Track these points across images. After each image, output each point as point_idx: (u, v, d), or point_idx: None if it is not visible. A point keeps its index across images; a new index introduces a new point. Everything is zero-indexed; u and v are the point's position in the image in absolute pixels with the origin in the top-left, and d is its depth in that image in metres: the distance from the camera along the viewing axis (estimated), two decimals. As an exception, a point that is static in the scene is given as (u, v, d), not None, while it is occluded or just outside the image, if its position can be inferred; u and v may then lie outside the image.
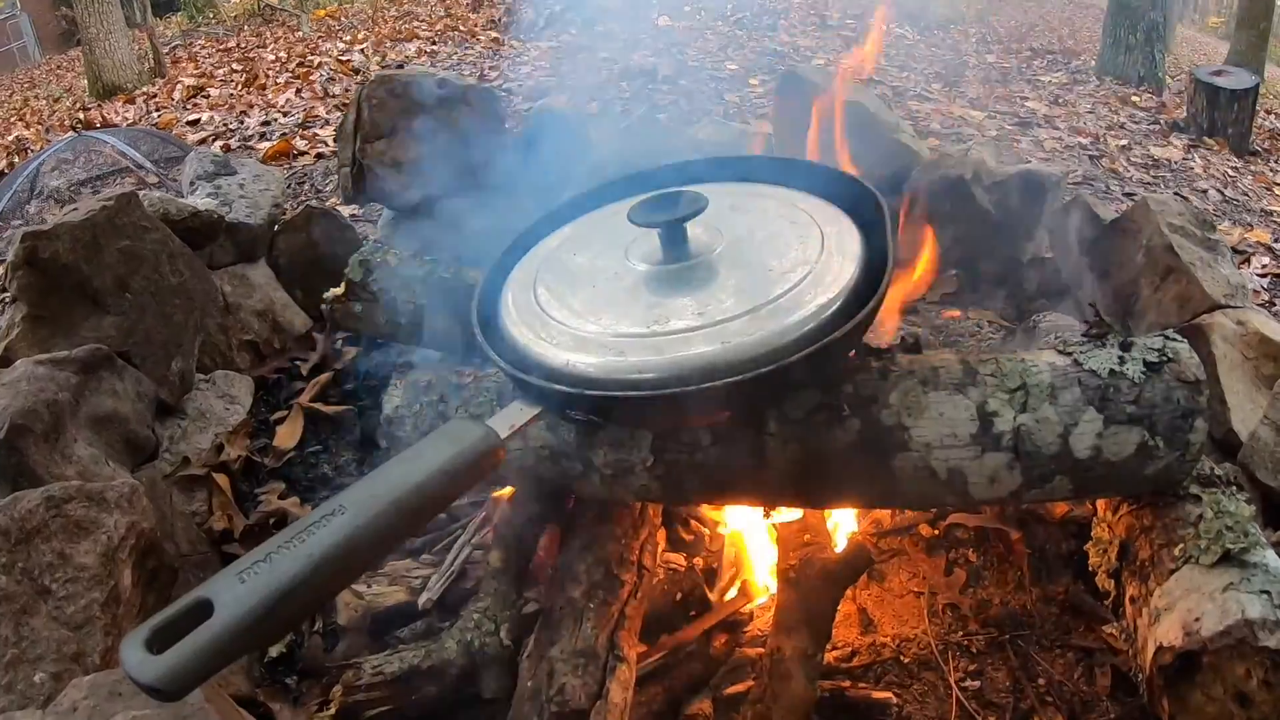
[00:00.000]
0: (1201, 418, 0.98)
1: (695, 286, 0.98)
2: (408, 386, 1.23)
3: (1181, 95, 5.65)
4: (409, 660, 1.29)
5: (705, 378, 0.85)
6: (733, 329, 0.90)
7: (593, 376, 0.90)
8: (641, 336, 0.92)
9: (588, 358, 0.91)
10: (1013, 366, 1.00)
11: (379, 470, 0.78)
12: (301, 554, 0.72)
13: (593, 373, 0.90)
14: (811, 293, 0.93)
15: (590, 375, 0.90)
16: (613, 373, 0.89)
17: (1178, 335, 1.04)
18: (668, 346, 0.90)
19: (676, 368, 0.87)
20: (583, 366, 0.91)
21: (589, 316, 0.97)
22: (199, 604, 0.69)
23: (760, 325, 0.90)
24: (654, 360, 0.89)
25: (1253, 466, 1.59)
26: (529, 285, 1.06)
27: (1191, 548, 0.97)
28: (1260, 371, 1.85)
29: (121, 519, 1.24)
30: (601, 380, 0.89)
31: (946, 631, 1.47)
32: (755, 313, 0.91)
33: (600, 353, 0.91)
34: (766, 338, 0.88)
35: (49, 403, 1.36)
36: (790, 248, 1.01)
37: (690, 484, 1.08)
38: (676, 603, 1.37)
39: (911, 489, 1.02)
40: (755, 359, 0.86)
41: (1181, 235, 2.03)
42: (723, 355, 0.87)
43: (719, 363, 0.87)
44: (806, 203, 1.12)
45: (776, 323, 0.89)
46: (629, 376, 0.88)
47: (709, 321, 0.91)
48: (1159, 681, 0.95)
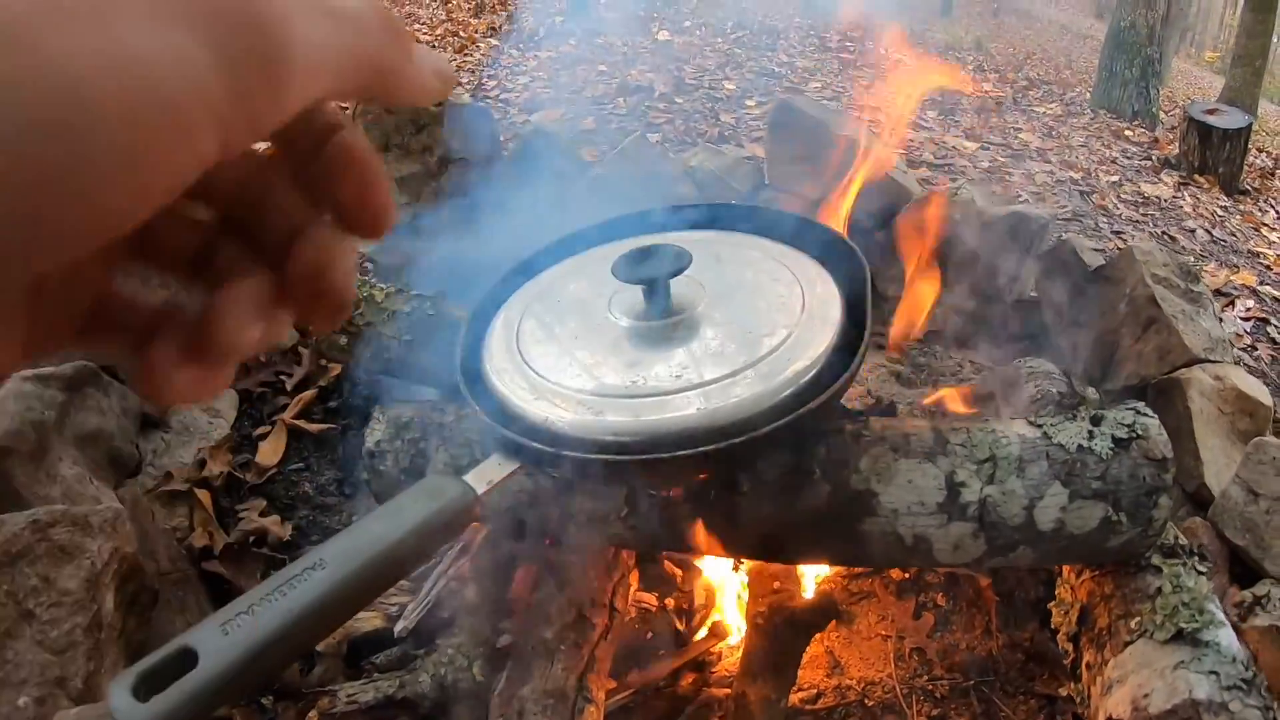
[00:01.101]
0: (1166, 495, 1.01)
1: (676, 343, 0.99)
2: (389, 421, 1.24)
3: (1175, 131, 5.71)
4: (383, 690, 1.31)
5: (681, 443, 0.86)
6: (711, 392, 0.92)
7: (569, 435, 0.91)
8: (620, 396, 0.93)
9: (565, 415, 0.93)
10: (983, 437, 1.03)
11: (358, 525, 0.80)
12: (282, 608, 0.73)
13: (569, 432, 0.91)
14: (790, 357, 0.95)
15: (566, 434, 0.91)
16: (589, 433, 0.91)
17: (1148, 410, 1.07)
18: (645, 409, 0.91)
19: (652, 432, 0.89)
20: (560, 425, 0.92)
21: (569, 371, 0.99)
22: (184, 652, 0.71)
23: (740, 390, 0.91)
24: (630, 423, 0.90)
25: (1222, 525, 1.63)
26: (512, 334, 1.07)
27: (1147, 622, 1.00)
28: (1236, 426, 1.88)
29: (105, 544, 1.26)
30: (577, 440, 0.91)
31: (912, 676, 1.49)
32: (735, 377, 0.93)
33: (578, 410, 0.93)
34: (744, 404, 0.90)
35: (35, 423, 1.38)
36: (773, 309, 1.03)
37: (663, 536, 1.10)
38: (647, 641, 1.39)
39: (877, 552, 1.04)
40: (732, 425, 0.88)
41: (1165, 286, 2.06)
42: (699, 421, 0.89)
43: (696, 429, 0.89)
44: (791, 259, 1.14)
45: (756, 388, 0.91)
46: (605, 438, 0.90)
47: (687, 385, 0.92)
48: (1108, 753, 0.98)
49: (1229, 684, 0.93)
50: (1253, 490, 1.59)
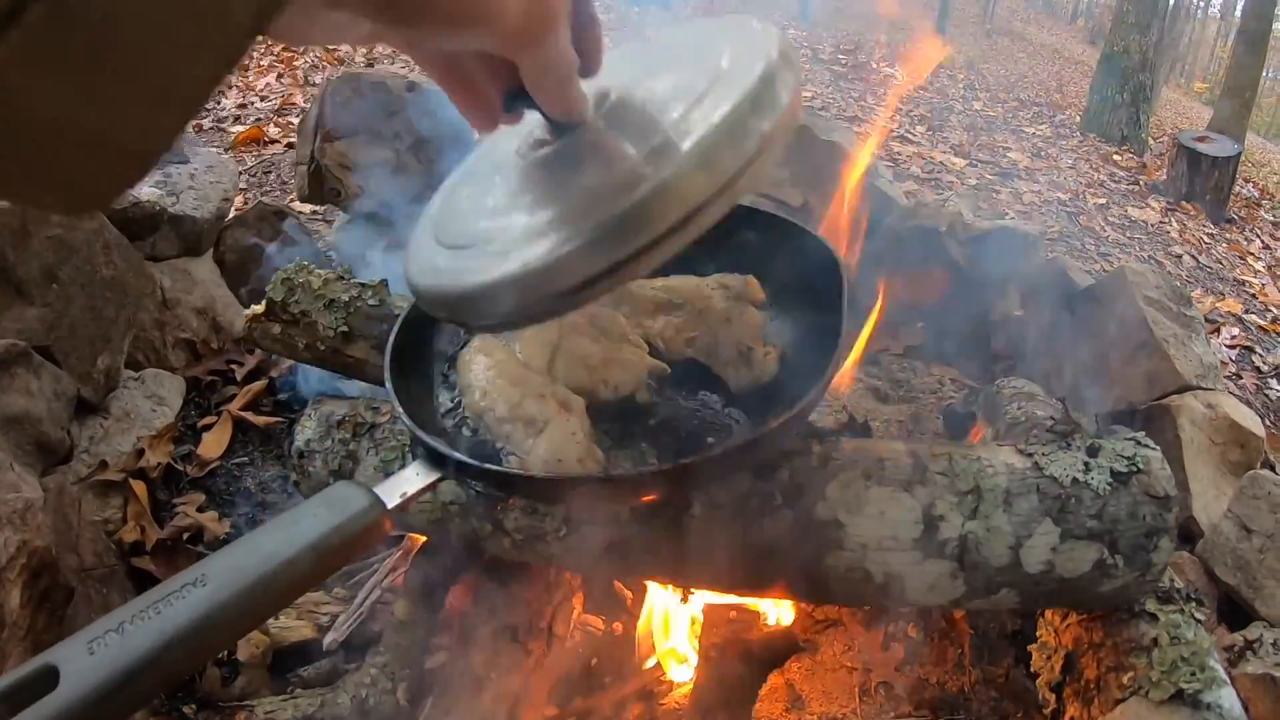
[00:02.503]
0: (1168, 537, 0.92)
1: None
2: (320, 419, 1.14)
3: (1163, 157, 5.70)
4: (303, 708, 1.22)
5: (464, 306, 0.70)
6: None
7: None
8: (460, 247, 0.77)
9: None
10: (966, 466, 0.93)
11: (247, 538, 0.71)
12: (155, 627, 0.67)
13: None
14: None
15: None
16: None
17: (1149, 441, 0.98)
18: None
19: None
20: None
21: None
22: (46, 671, 0.64)
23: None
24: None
25: (1212, 562, 1.55)
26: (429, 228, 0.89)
27: (1142, 678, 0.91)
28: (1227, 458, 1.82)
29: (13, 536, 1.20)
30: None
31: (877, 712, 1.40)
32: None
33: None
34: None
35: (-51, 402, 1.27)
36: None
37: (604, 558, 1.00)
38: (591, 667, 1.29)
39: (842, 589, 0.94)
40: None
41: (1157, 309, 1.99)
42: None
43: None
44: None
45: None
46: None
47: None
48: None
49: (1235, 755, 0.84)
50: (1245, 526, 1.51)
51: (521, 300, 0.61)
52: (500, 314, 0.63)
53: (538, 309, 0.63)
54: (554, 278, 0.59)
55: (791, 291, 1.07)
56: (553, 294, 0.60)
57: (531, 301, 0.61)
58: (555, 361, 0.98)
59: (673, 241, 0.58)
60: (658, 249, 0.58)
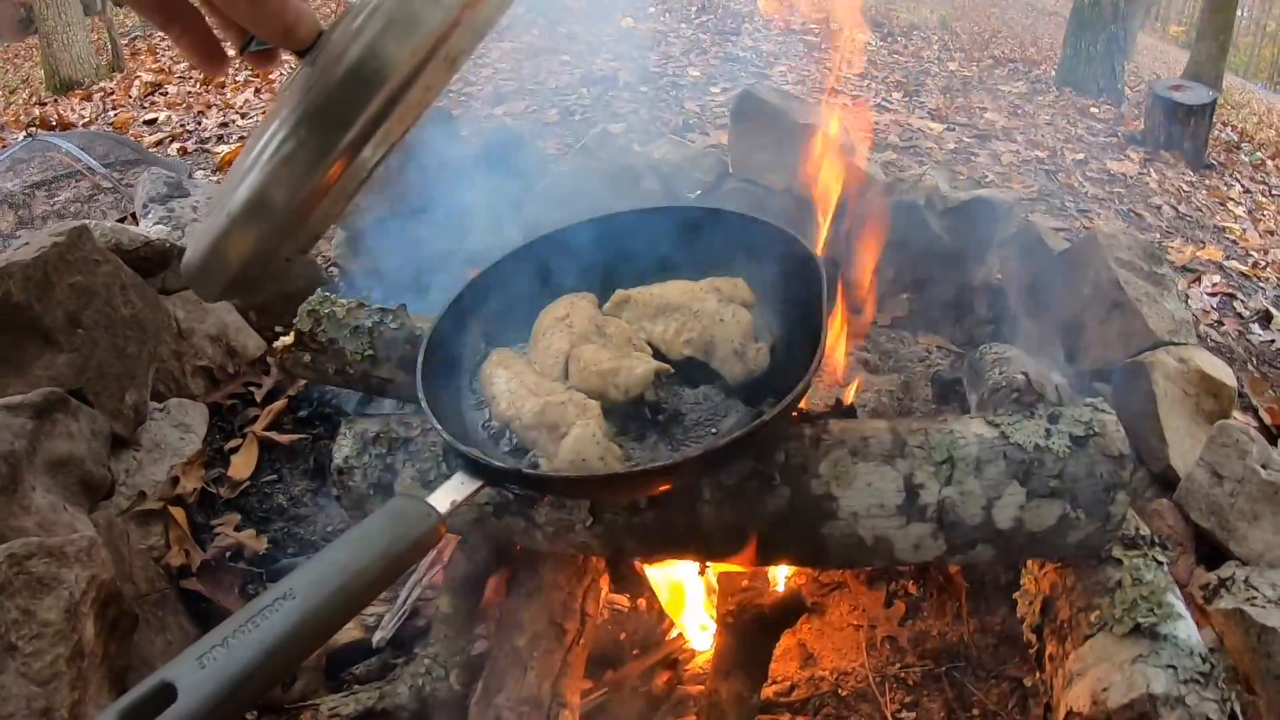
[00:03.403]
0: (1124, 491, 1.03)
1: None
2: (355, 437, 1.24)
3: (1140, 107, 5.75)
4: (364, 702, 1.32)
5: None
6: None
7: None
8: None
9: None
10: (940, 439, 1.05)
11: (324, 553, 0.81)
12: (256, 639, 0.75)
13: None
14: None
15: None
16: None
17: (1106, 406, 1.09)
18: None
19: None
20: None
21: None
22: (163, 686, 0.72)
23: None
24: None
25: (1188, 507, 1.66)
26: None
27: (1107, 615, 1.02)
28: (1200, 407, 1.92)
29: (82, 573, 1.26)
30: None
31: (884, 664, 1.52)
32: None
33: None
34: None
35: (5, 454, 1.37)
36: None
37: (628, 543, 1.11)
38: (620, 641, 1.41)
39: (839, 553, 1.06)
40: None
41: (1129, 270, 2.09)
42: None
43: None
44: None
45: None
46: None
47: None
48: (1068, 744, 1.00)
49: (1186, 677, 0.95)
50: (1217, 473, 1.62)
51: (260, 233, 0.57)
52: (251, 258, 0.59)
53: (283, 241, 0.58)
54: (282, 187, 0.56)
55: (777, 288, 1.18)
56: (285, 211, 0.56)
57: (269, 233, 0.57)
58: (568, 369, 1.09)
59: (405, 106, 0.56)
60: (388, 120, 0.56)
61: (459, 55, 0.57)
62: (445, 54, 0.56)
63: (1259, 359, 2.75)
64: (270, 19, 0.55)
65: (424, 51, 0.55)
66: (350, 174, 0.56)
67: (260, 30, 0.57)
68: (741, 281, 1.16)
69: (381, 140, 0.56)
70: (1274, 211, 4.55)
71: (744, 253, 1.20)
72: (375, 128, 0.55)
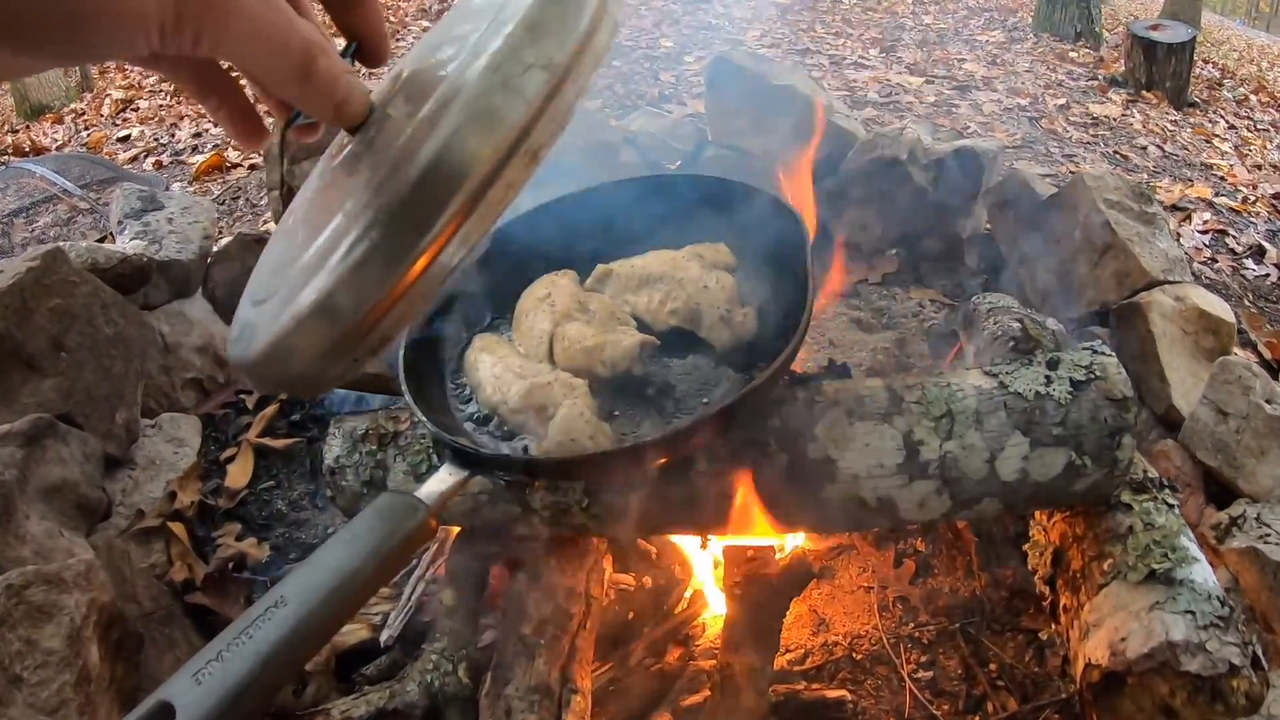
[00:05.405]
0: (1129, 434, 1.00)
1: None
2: (344, 435, 1.22)
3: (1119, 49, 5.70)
4: (375, 703, 1.30)
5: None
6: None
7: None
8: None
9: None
10: (938, 393, 1.02)
11: (315, 556, 0.79)
12: (250, 650, 0.73)
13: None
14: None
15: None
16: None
17: (1106, 349, 1.06)
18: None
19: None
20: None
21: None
22: (161, 707, 0.71)
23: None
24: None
25: (1193, 446, 1.64)
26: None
27: (1120, 563, 1.00)
28: (1200, 345, 1.90)
29: (81, 598, 1.25)
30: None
31: (897, 624, 1.50)
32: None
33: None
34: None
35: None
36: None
37: (626, 521, 1.09)
38: (629, 621, 1.39)
39: (842, 517, 1.04)
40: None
41: (1119, 211, 2.06)
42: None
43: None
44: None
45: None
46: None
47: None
48: (1088, 696, 0.98)
49: (1205, 623, 0.93)
50: (1221, 410, 1.60)
51: (330, 338, 0.53)
52: (317, 359, 0.54)
53: (354, 346, 0.53)
54: (353, 293, 0.51)
55: (760, 251, 1.15)
56: (357, 317, 0.51)
57: (340, 338, 0.52)
58: (553, 349, 1.07)
59: (487, 206, 0.51)
60: (468, 221, 0.51)
61: (540, 149, 0.52)
62: (527, 148, 0.51)
63: (1254, 294, 2.73)
64: (321, 97, 0.51)
65: (506, 147, 0.51)
66: (427, 278, 0.51)
67: (309, 109, 0.53)
68: (723, 246, 1.13)
69: (461, 243, 0.51)
70: (1260, 146, 4.52)
71: (724, 217, 1.17)
72: (455, 231, 0.51)
